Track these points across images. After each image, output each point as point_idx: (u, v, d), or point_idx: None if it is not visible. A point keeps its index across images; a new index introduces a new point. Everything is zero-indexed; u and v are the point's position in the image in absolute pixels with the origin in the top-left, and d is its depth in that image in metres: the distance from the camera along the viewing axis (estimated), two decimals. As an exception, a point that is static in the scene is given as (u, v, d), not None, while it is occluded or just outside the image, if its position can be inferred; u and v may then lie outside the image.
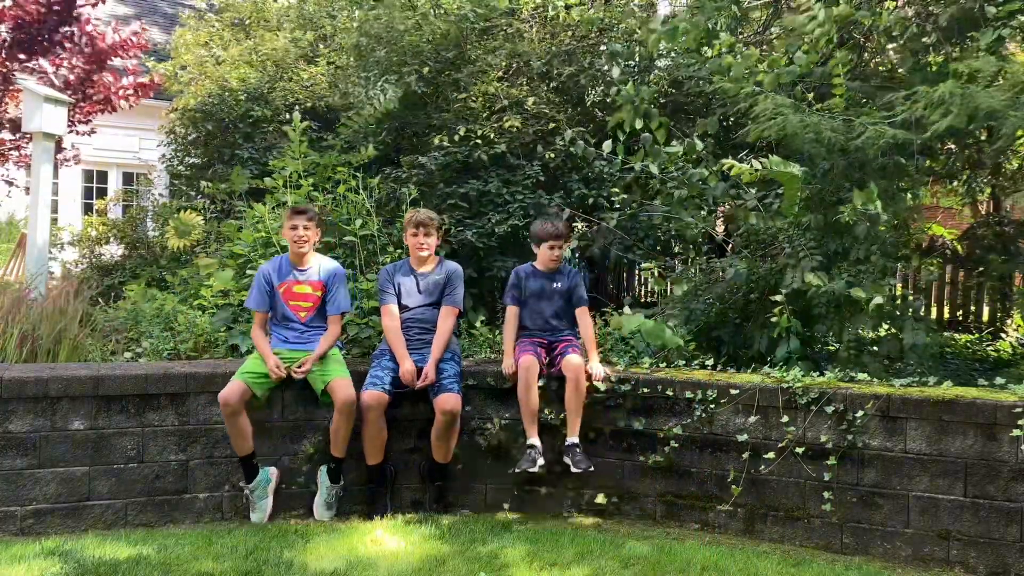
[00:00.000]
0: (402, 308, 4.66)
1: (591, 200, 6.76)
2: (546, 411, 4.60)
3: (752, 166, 4.77)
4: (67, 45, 8.12)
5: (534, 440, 4.49)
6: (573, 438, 4.48)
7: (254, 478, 4.33)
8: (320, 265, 4.62)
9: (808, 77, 5.19)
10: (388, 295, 4.65)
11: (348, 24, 8.42)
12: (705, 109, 7.08)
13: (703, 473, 4.41)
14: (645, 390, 4.52)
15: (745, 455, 4.26)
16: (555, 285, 4.76)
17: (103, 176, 13.42)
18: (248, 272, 5.58)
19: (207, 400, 4.37)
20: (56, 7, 7.86)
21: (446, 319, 4.59)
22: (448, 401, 4.35)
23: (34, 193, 6.58)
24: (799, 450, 4.15)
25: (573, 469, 4.42)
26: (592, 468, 4.43)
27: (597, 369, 4.54)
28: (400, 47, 7.19)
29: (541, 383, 4.56)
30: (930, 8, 5.80)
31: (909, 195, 5.20)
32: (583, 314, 4.76)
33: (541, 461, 4.43)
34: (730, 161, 4.84)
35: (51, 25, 7.88)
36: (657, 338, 4.91)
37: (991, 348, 6.94)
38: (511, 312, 4.79)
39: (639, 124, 5.49)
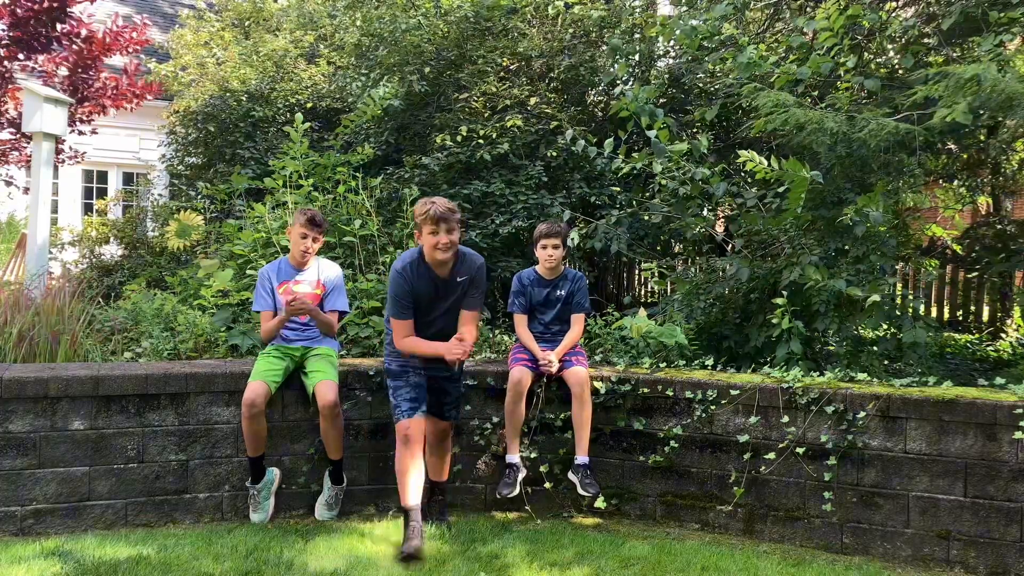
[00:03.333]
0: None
1: (593, 198, 6.77)
2: (546, 411, 4.61)
3: (770, 164, 4.77)
4: (64, 42, 8.09)
5: (514, 458, 4.42)
6: (582, 457, 4.40)
7: (261, 479, 4.33)
8: (320, 266, 4.63)
9: (816, 74, 5.21)
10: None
11: (349, 23, 8.42)
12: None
13: (703, 473, 4.41)
14: (645, 390, 4.52)
15: (747, 455, 4.26)
16: (559, 292, 4.72)
17: (103, 176, 13.43)
18: (249, 272, 5.59)
19: (207, 400, 4.37)
20: (50, 2, 7.82)
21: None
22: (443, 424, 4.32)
23: (34, 193, 6.58)
24: (799, 450, 4.15)
25: (580, 491, 4.37)
26: (600, 494, 4.39)
27: (552, 355, 4.49)
28: (402, 47, 7.20)
29: (541, 382, 4.56)
30: (932, 9, 5.82)
31: (910, 193, 5.22)
32: (577, 321, 4.68)
33: (521, 477, 4.40)
34: (747, 154, 4.83)
35: (47, 21, 7.85)
36: (669, 336, 4.93)
37: (991, 348, 6.94)
38: (521, 320, 4.71)
39: (645, 122, 5.50)
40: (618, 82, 7.32)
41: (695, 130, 6.94)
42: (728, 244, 5.89)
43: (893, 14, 6.05)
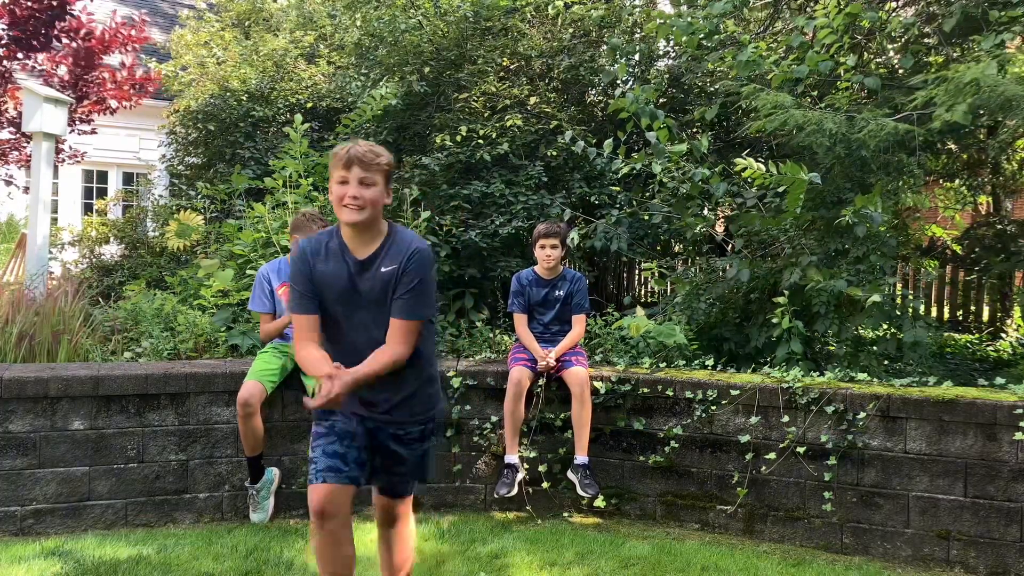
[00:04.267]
0: None
1: (593, 198, 6.78)
2: (546, 411, 4.60)
3: (767, 169, 4.78)
4: (64, 40, 8.09)
5: (512, 458, 4.42)
6: (582, 457, 4.40)
7: (260, 478, 4.33)
8: None
9: (815, 73, 5.20)
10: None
11: (349, 23, 8.42)
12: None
13: (703, 473, 4.41)
14: (645, 390, 4.52)
15: (748, 456, 4.26)
16: (557, 292, 4.72)
17: (103, 176, 13.42)
18: (249, 272, 5.58)
19: (207, 400, 4.37)
20: (49, 0, 7.81)
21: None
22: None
23: (34, 193, 6.57)
24: (799, 450, 4.15)
25: (579, 491, 4.37)
26: (599, 494, 4.38)
27: (552, 353, 4.50)
28: (402, 47, 7.21)
29: (541, 382, 4.56)
30: (932, 9, 5.83)
31: (910, 193, 5.22)
32: (578, 321, 4.69)
33: (519, 477, 4.40)
34: (743, 161, 4.84)
35: (47, 19, 7.85)
36: (668, 336, 4.93)
37: (991, 348, 6.94)
38: (521, 319, 4.71)
39: (645, 123, 5.50)
40: (618, 82, 7.32)
41: (695, 130, 6.94)
42: (728, 244, 5.89)
43: (893, 14, 6.05)
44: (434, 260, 2.81)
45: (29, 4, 7.70)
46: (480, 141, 6.58)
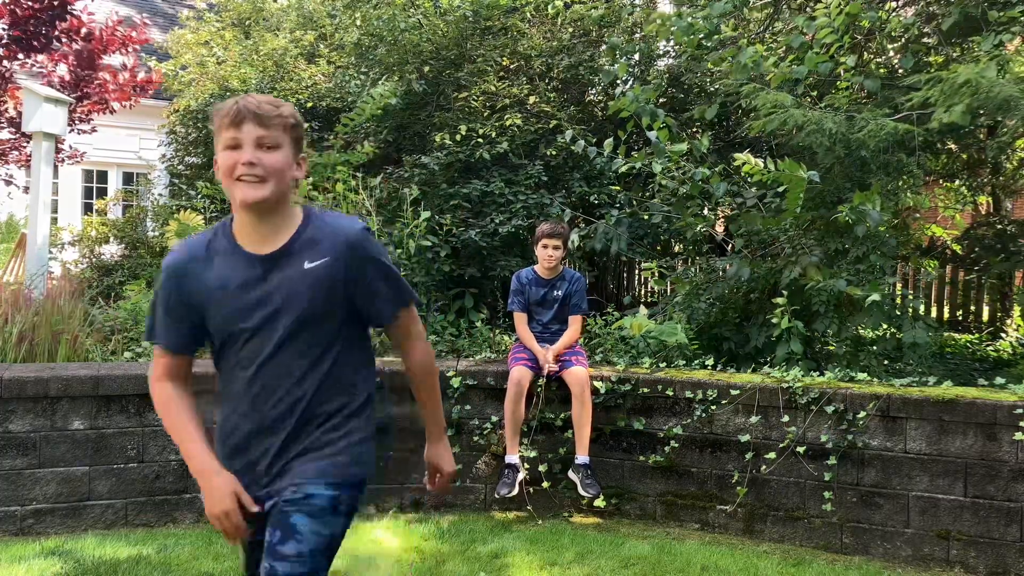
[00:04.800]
0: None
1: (592, 197, 6.78)
2: (546, 411, 4.60)
3: (765, 165, 4.78)
4: (63, 40, 8.10)
5: (513, 458, 4.41)
6: (583, 456, 4.40)
7: None
8: None
9: (814, 74, 5.20)
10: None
11: (349, 23, 8.43)
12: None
13: (703, 473, 4.41)
14: (645, 390, 4.52)
15: (748, 456, 4.26)
16: (556, 292, 4.73)
17: (103, 176, 13.42)
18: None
19: (207, 400, 4.35)
20: (50, 0, 7.82)
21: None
22: None
23: (34, 193, 6.57)
24: (799, 450, 4.15)
25: (581, 491, 4.37)
26: (600, 494, 4.38)
27: (549, 354, 4.51)
28: (401, 46, 7.21)
29: (541, 382, 4.56)
30: (931, 9, 5.83)
31: (909, 193, 5.22)
32: (574, 321, 4.70)
33: (520, 477, 4.40)
34: (743, 157, 4.84)
35: (47, 20, 7.85)
36: (670, 335, 4.93)
37: (991, 348, 6.94)
38: (520, 318, 4.72)
39: (646, 122, 5.50)
40: (618, 82, 7.32)
41: (695, 129, 6.94)
42: (728, 244, 5.89)
43: (893, 14, 6.05)
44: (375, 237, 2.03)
45: (30, 4, 7.70)
46: (480, 140, 6.58)
